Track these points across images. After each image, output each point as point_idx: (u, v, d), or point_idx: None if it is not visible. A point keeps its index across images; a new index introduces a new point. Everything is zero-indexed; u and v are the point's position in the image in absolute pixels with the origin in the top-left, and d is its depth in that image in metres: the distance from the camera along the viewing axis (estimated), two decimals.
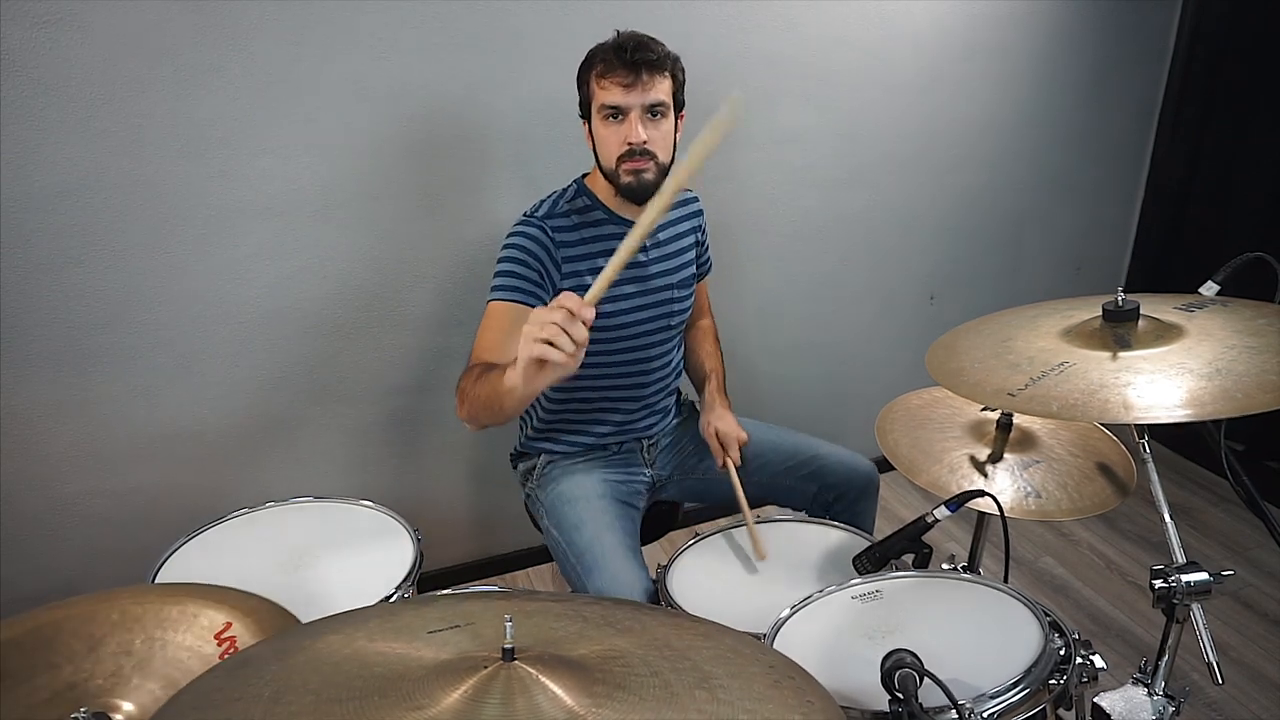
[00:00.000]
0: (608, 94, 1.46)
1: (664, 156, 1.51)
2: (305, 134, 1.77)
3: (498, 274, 1.54)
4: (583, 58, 1.53)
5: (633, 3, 1.93)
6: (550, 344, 1.05)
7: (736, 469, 1.61)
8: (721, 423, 1.65)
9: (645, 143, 1.46)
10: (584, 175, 1.64)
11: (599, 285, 1.06)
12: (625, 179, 1.50)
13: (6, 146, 1.58)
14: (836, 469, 1.67)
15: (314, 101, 1.76)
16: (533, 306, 1.49)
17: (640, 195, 1.51)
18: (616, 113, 1.47)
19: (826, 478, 1.66)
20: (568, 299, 1.06)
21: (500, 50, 1.87)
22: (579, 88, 1.54)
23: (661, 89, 1.47)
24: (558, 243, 1.54)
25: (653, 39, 1.48)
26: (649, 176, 1.49)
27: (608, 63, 1.46)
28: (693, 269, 1.73)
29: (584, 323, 1.06)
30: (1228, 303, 1.23)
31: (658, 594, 1.41)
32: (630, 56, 1.43)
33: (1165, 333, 1.15)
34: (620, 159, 1.48)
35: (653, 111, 1.47)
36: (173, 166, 1.70)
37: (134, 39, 1.60)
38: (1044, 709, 1.02)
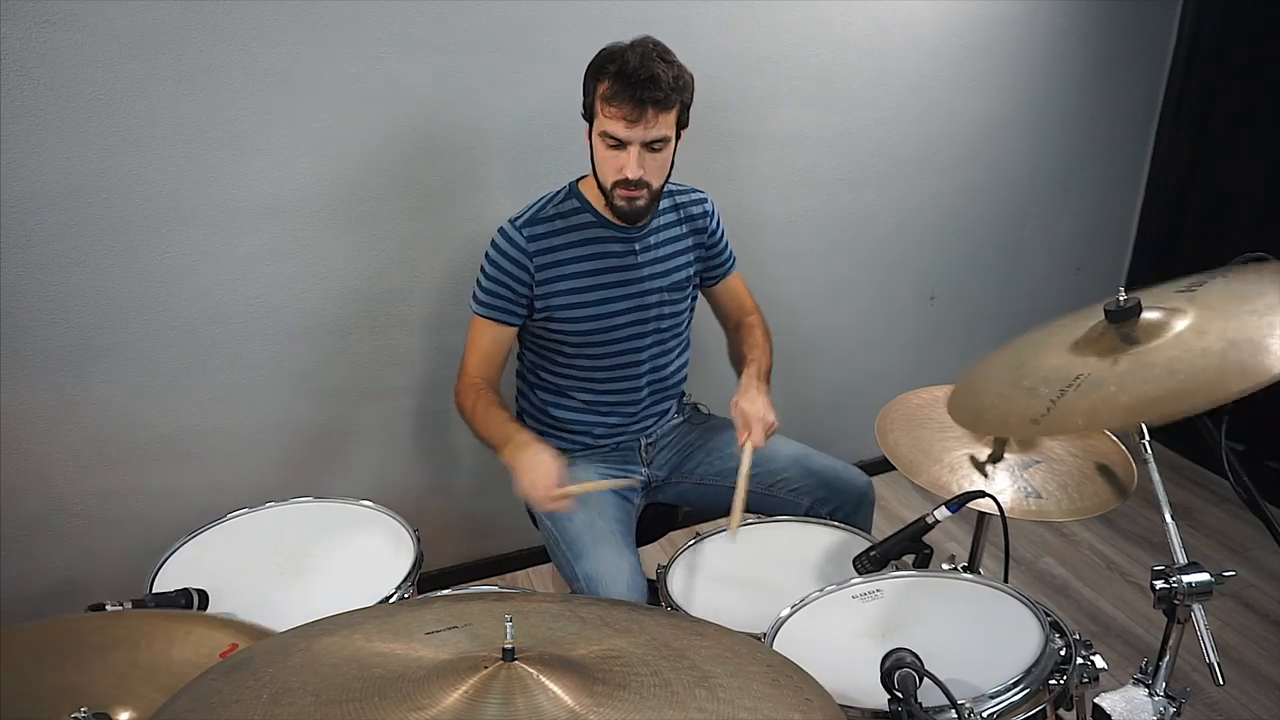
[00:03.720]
0: (610, 124, 1.43)
1: (658, 183, 1.53)
2: (305, 134, 1.77)
3: (479, 284, 1.60)
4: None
5: (633, 3, 1.93)
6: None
7: (756, 452, 1.50)
8: (749, 404, 1.54)
9: (641, 177, 1.47)
10: (580, 178, 1.63)
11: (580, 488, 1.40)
12: (618, 202, 1.52)
13: (6, 146, 1.58)
14: (832, 483, 1.65)
15: (314, 101, 1.76)
16: (511, 325, 1.60)
17: (631, 218, 1.56)
18: (617, 143, 1.45)
19: (821, 491, 1.64)
20: (557, 502, 1.37)
21: (500, 51, 1.86)
22: (584, 90, 1.50)
23: (665, 124, 1.45)
24: (533, 251, 1.55)
25: (666, 63, 1.43)
26: (641, 204, 1.52)
27: (615, 90, 1.41)
28: (688, 272, 1.70)
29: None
30: (1226, 273, 1.19)
31: (649, 583, 1.41)
32: (638, 94, 1.39)
33: (1171, 318, 1.11)
34: (616, 184, 1.50)
35: (653, 146, 1.46)
36: (173, 166, 1.70)
37: (134, 39, 1.60)
38: (1044, 709, 1.02)
